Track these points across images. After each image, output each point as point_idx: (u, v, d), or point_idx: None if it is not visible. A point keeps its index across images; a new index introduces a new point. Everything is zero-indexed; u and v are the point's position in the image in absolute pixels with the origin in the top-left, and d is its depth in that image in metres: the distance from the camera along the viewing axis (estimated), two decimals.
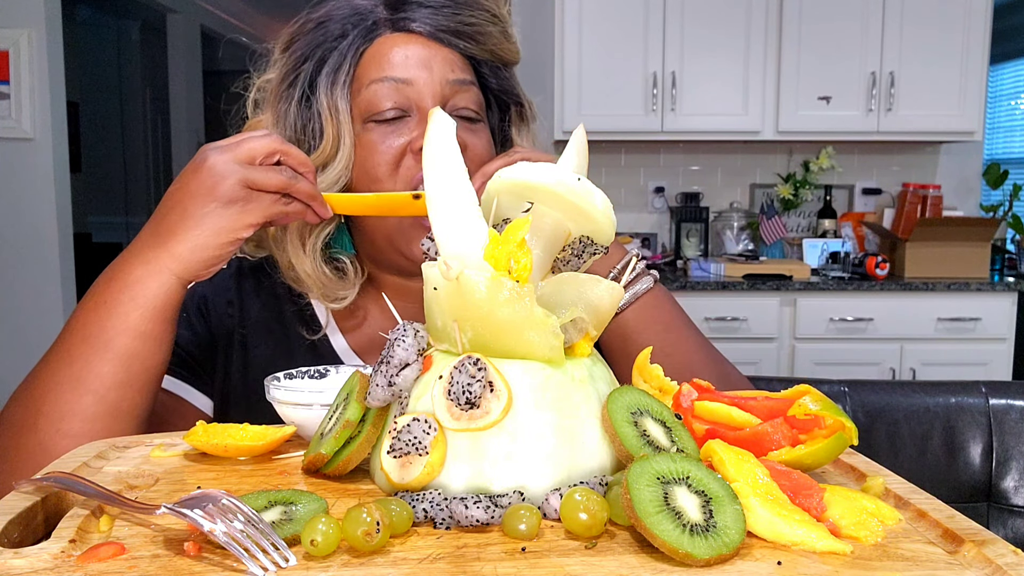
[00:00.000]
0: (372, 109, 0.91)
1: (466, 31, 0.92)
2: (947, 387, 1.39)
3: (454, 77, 0.91)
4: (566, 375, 0.60)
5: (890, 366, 3.36)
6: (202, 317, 1.00)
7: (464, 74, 0.93)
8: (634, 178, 4.00)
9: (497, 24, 0.94)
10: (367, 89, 0.91)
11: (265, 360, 0.98)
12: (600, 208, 0.63)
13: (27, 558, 0.49)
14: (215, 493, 0.53)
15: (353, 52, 0.92)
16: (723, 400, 0.66)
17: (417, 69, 0.90)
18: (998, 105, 5.28)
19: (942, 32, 3.49)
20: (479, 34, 0.93)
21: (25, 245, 3.74)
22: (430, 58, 0.91)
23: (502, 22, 0.95)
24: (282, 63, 0.95)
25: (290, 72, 0.93)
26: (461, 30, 0.92)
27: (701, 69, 3.53)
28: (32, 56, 3.64)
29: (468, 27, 0.92)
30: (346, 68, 0.92)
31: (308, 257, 0.93)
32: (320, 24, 0.93)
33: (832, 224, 3.84)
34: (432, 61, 0.91)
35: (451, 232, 0.61)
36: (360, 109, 0.92)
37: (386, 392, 0.60)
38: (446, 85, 0.91)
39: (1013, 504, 1.33)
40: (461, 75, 0.92)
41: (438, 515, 0.54)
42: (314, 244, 0.94)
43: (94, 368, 0.78)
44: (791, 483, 0.56)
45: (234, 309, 1.00)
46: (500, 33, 0.95)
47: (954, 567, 0.49)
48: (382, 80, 0.90)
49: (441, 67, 0.91)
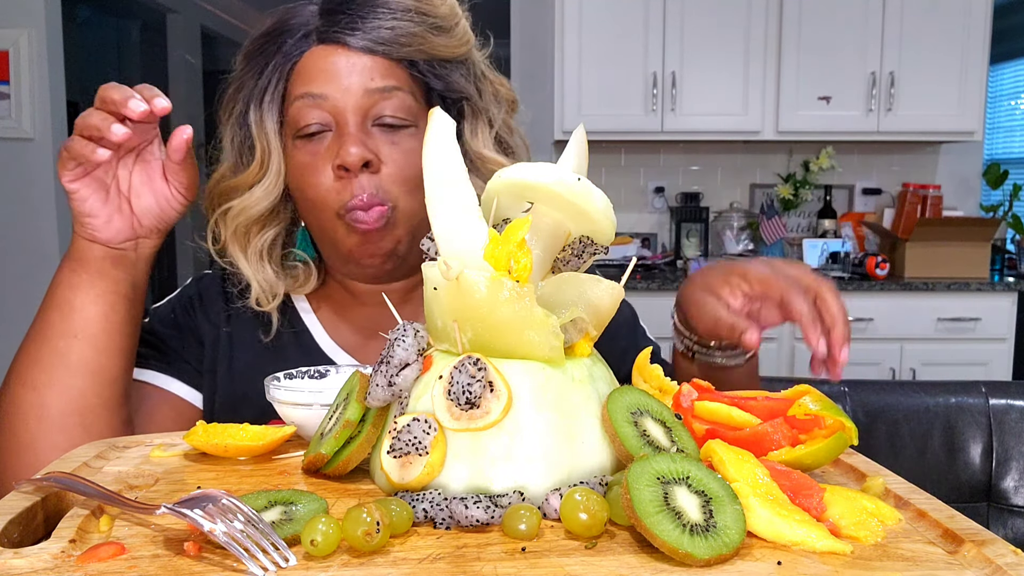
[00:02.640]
0: (296, 125, 0.91)
1: (386, 36, 0.89)
2: (947, 387, 1.39)
3: (374, 86, 0.89)
4: (566, 375, 0.60)
5: (890, 366, 3.35)
6: (188, 314, 1.01)
7: (387, 80, 0.90)
8: (634, 178, 4.00)
9: (424, 22, 0.90)
10: (292, 105, 0.91)
11: (251, 359, 0.99)
12: (600, 208, 0.63)
13: (27, 558, 0.49)
14: (215, 493, 0.53)
15: (283, 67, 0.92)
16: (723, 400, 0.66)
17: (335, 82, 0.89)
18: (998, 105, 5.28)
19: (942, 32, 3.49)
20: (402, 36, 0.89)
21: (25, 245, 3.74)
22: (349, 69, 0.89)
23: (432, 17, 0.91)
24: (235, 77, 0.95)
25: (236, 88, 0.94)
26: (382, 36, 0.89)
27: (701, 69, 3.53)
28: (32, 56, 3.64)
29: (389, 31, 0.89)
30: (275, 83, 0.92)
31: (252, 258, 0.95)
32: (265, 35, 0.93)
33: (832, 224, 3.84)
34: (351, 72, 0.89)
35: (451, 232, 0.61)
36: (288, 125, 0.92)
37: (386, 392, 0.60)
38: (365, 95, 0.89)
39: (1013, 504, 1.33)
40: (383, 82, 0.89)
41: (438, 515, 0.54)
42: (257, 247, 0.95)
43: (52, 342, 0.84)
44: (791, 483, 0.56)
45: (219, 307, 1.01)
46: (430, 30, 0.90)
47: (954, 567, 0.49)
48: (303, 96, 0.90)
49: (360, 77, 0.89)
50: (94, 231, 0.84)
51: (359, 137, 0.88)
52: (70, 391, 0.82)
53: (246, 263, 0.95)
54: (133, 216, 0.86)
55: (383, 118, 0.90)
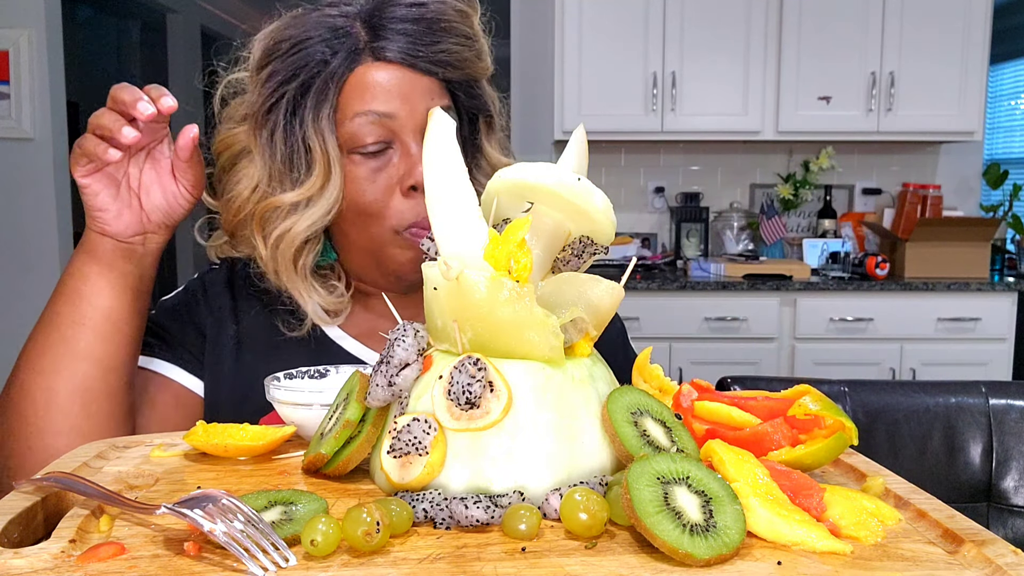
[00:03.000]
0: (355, 142, 0.91)
1: (443, 59, 0.92)
2: (947, 387, 1.39)
3: (432, 106, 0.90)
4: (566, 375, 0.60)
5: (890, 366, 3.35)
6: (190, 306, 1.03)
7: (442, 100, 0.93)
8: (634, 178, 4.00)
9: (473, 47, 0.94)
10: (351, 121, 0.90)
11: (260, 354, 0.99)
12: (600, 208, 0.63)
13: (27, 558, 0.49)
14: (215, 493, 0.53)
15: (336, 80, 0.91)
16: (723, 400, 0.66)
17: (399, 102, 0.90)
18: (998, 105, 5.28)
19: (942, 32, 3.49)
20: (457, 60, 0.93)
21: (25, 245, 3.74)
22: (411, 89, 0.91)
23: (476, 41, 0.94)
24: (259, 84, 0.93)
25: (270, 96, 0.91)
26: (439, 58, 0.91)
27: (701, 69, 3.53)
28: (32, 56, 3.64)
29: (444, 54, 0.92)
30: (331, 98, 0.91)
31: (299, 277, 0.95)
32: (298, 45, 0.91)
33: (832, 224, 3.84)
34: (412, 92, 0.91)
35: (451, 232, 0.61)
36: (343, 139, 0.91)
37: (386, 392, 0.60)
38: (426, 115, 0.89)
39: (1013, 504, 1.33)
40: (440, 102, 0.93)
41: (438, 515, 0.54)
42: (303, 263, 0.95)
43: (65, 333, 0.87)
44: (791, 483, 0.56)
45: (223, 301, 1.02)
46: (475, 55, 0.94)
47: (954, 567, 0.49)
48: (365, 113, 0.90)
49: (421, 98, 0.91)
50: (104, 224, 0.87)
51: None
52: (75, 376, 0.85)
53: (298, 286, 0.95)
54: (142, 212, 0.88)
55: None
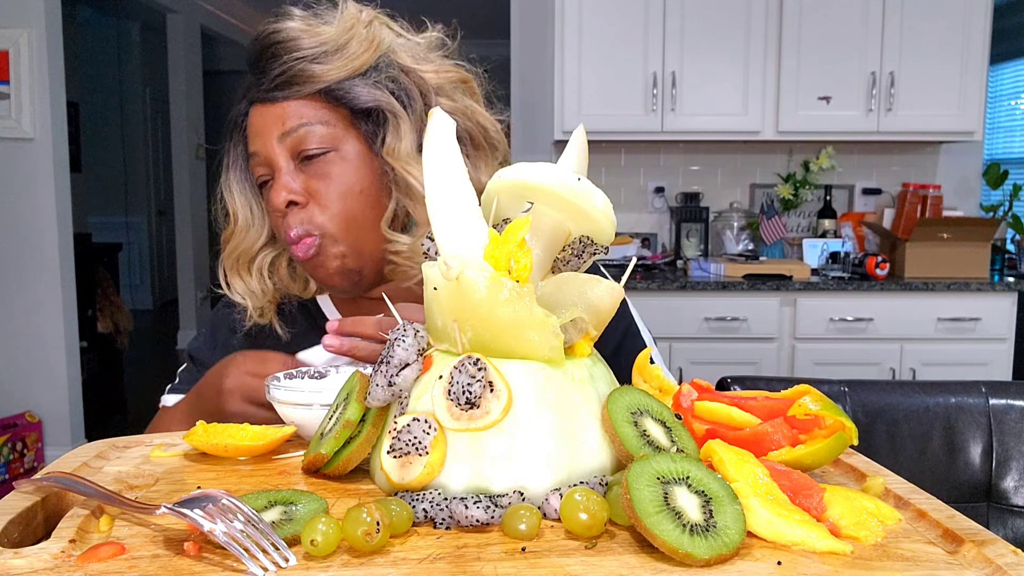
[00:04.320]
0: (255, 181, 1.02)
1: (282, 80, 0.95)
2: (947, 387, 1.38)
3: (283, 129, 0.95)
4: (566, 375, 0.60)
5: (890, 366, 3.35)
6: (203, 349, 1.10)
7: (293, 120, 0.95)
8: (634, 178, 4.00)
9: (307, 56, 0.94)
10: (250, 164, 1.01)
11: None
12: (600, 208, 0.63)
13: (27, 558, 0.49)
14: (215, 493, 0.53)
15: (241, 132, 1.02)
16: (723, 400, 0.66)
17: (259, 137, 0.97)
18: (998, 105, 5.28)
19: (942, 32, 3.49)
20: (292, 76, 0.94)
21: (25, 245, 3.74)
22: (265, 122, 0.96)
23: (314, 47, 0.94)
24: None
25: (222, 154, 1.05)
26: (279, 81, 0.95)
27: (701, 69, 3.53)
28: (32, 56, 3.63)
29: (281, 76, 0.94)
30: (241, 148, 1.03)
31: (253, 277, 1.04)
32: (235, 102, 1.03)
33: (832, 224, 3.83)
34: (267, 124, 0.96)
35: (451, 232, 0.61)
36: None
37: (386, 392, 0.60)
38: (279, 141, 0.96)
39: (1013, 504, 1.33)
40: (291, 123, 0.95)
41: (438, 515, 0.54)
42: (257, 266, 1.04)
43: None
44: (791, 483, 0.56)
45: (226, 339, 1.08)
46: (313, 62, 0.94)
47: (954, 567, 0.49)
48: (251, 156, 1.00)
49: (271, 127, 0.96)
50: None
51: (284, 181, 0.95)
52: None
53: (242, 283, 1.04)
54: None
55: (302, 153, 0.96)
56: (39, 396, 3.81)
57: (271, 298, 1.05)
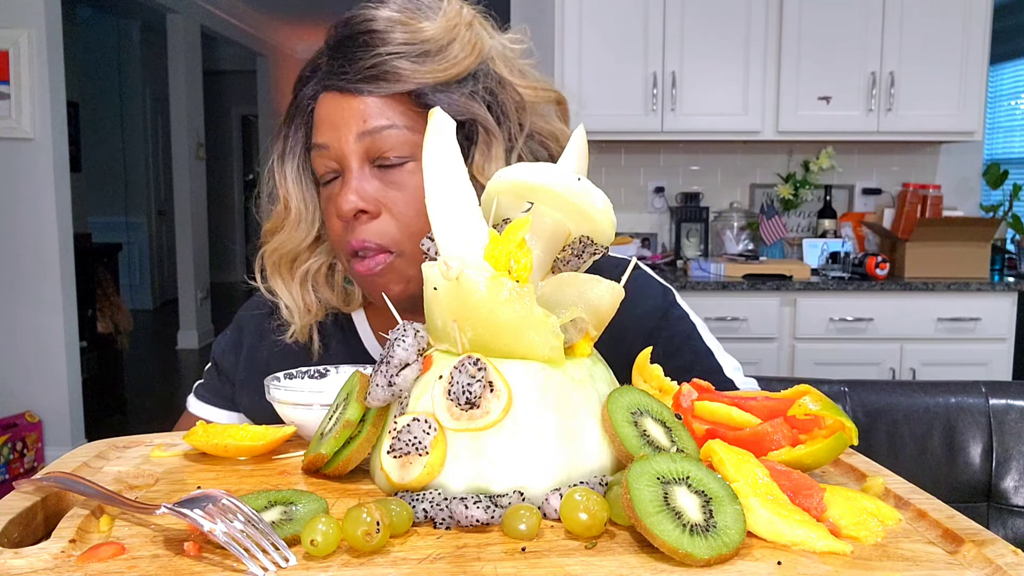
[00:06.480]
0: (318, 175, 0.92)
1: (372, 73, 0.85)
2: (947, 387, 1.39)
3: (365, 128, 0.86)
4: (566, 375, 0.60)
5: (890, 366, 3.35)
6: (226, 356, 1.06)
7: (378, 120, 0.86)
8: (634, 178, 4.00)
9: (409, 52, 0.85)
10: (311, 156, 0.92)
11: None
12: (600, 208, 0.63)
13: (27, 558, 0.49)
14: (215, 493, 0.53)
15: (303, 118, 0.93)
16: (723, 400, 0.66)
17: (333, 131, 0.87)
18: (998, 105, 5.28)
19: (942, 32, 3.49)
20: (388, 71, 0.85)
21: (25, 245, 3.74)
22: (343, 115, 0.87)
23: (416, 44, 0.86)
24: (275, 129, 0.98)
25: (276, 136, 0.96)
26: (367, 73, 0.85)
27: (701, 69, 3.53)
28: (32, 56, 3.63)
29: (372, 69, 0.85)
30: (295, 134, 0.94)
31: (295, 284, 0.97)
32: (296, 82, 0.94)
33: (832, 224, 3.83)
34: (344, 118, 0.87)
35: (451, 232, 0.61)
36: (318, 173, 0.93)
37: (386, 392, 0.60)
38: (357, 140, 0.86)
39: (1013, 504, 1.33)
40: (374, 123, 0.86)
41: (438, 515, 0.54)
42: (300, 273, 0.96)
43: None
44: (791, 483, 0.56)
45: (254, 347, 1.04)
46: (415, 59, 0.85)
47: (954, 567, 0.49)
48: (315, 147, 0.90)
49: (350, 122, 0.86)
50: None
51: (356, 185, 0.86)
52: None
53: (285, 289, 0.97)
54: None
55: (380, 158, 0.87)
56: (39, 396, 3.81)
57: (316, 314, 0.98)
